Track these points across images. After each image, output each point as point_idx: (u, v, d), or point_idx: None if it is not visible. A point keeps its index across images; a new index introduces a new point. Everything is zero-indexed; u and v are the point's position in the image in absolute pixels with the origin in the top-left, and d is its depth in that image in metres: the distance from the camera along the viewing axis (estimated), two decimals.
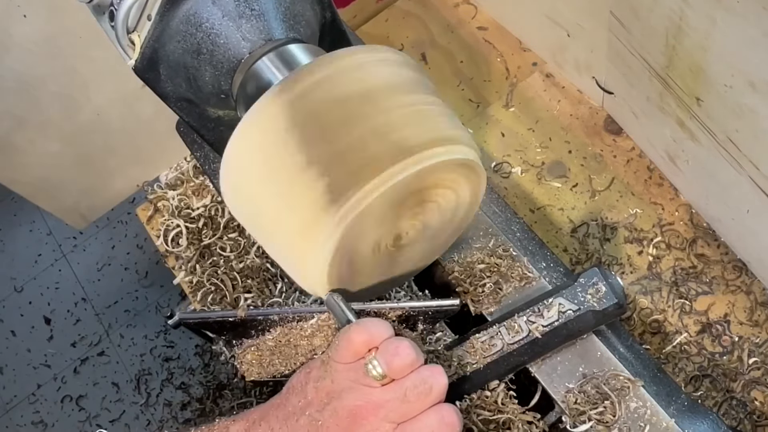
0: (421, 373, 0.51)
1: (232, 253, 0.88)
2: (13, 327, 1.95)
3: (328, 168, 0.49)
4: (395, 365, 0.51)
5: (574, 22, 0.86)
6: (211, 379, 1.71)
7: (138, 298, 1.91)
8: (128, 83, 0.87)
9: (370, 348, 0.52)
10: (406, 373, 0.51)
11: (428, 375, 0.51)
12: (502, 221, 0.74)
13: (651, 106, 0.78)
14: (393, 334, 0.53)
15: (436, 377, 0.51)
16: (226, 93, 0.60)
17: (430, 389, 0.51)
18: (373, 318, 0.56)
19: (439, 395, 0.52)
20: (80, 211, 1.11)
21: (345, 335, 0.53)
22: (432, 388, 0.51)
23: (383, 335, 0.53)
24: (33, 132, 0.95)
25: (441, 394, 0.52)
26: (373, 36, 1.09)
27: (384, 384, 0.51)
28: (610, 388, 0.62)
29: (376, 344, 0.52)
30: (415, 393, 0.50)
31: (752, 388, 0.74)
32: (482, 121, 0.97)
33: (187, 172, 0.99)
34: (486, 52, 1.03)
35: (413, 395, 0.50)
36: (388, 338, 0.53)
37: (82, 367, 1.85)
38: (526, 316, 0.63)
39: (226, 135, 0.53)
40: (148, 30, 0.57)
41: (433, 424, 0.50)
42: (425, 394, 0.51)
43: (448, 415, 0.51)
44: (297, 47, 0.58)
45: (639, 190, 0.87)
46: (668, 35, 0.65)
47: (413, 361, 0.51)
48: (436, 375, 0.52)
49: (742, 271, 0.80)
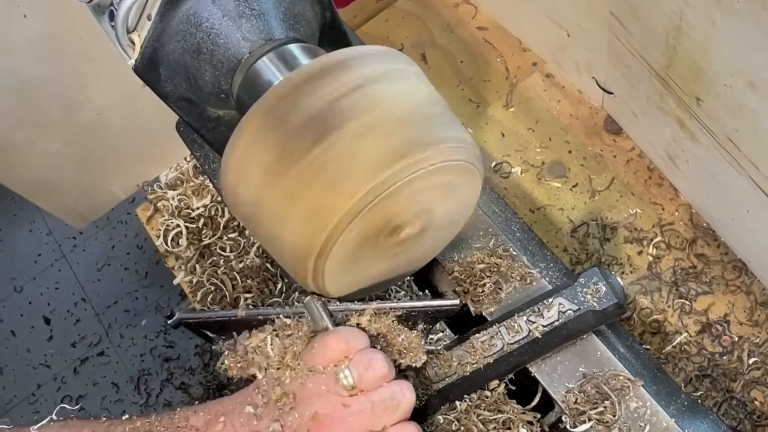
0: (391, 388, 0.52)
1: (232, 253, 0.88)
2: (13, 327, 1.95)
3: (325, 172, 0.49)
4: (367, 377, 0.51)
5: (574, 22, 0.86)
6: (211, 379, 1.71)
7: (138, 298, 1.91)
8: (128, 83, 0.87)
9: (343, 357, 0.52)
10: (377, 386, 0.51)
11: (397, 391, 0.51)
12: (502, 221, 0.74)
13: (651, 106, 0.78)
14: (368, 346, 0.54)
15: (404, 394, 0.52)
16: (226, 93, 0.60)
17: (398, 405, 0.51)
18: (351, 327, 0.56)
19: (405, 412, 0.52)
20: (80, 211, 1.12)
21: (322, 341, 0.53)
22: (399, 404, 0.51)
23: (359, 345, 0.53)
24: (33, 132, 0.95)
25: (407, 411, 0.52)
26: (373, 36, 1.09)
27: (352, 395, 0.51)
28: (610, 388, 0.62)
29: (351, 353, 0.52)
30: (383, 407, 0.50)
31: (752, 388, 0.74)
32: (482, 121, 0.97)
33: (187, 172, 0.99)
34: (486, 52, 1.03)
35: (380, 409, 0.50)
36: (363, 349, 0.53)
37: (82, 367, 1.85)
38: (526, 316, 0.63)
39: (226, 135, 0.53)
40: (148, 30, 0.57)
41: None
42: (392, 410, 0.51)
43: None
44: (297, 47, 0.58)
45: (639, 190, 0.87)
46: (668, 35, 0.65)
47: (385, 375, 0.52)
48: (405, 392, 0.52)
49: (742, 271, 0.80)
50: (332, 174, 0.49)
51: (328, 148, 0.49)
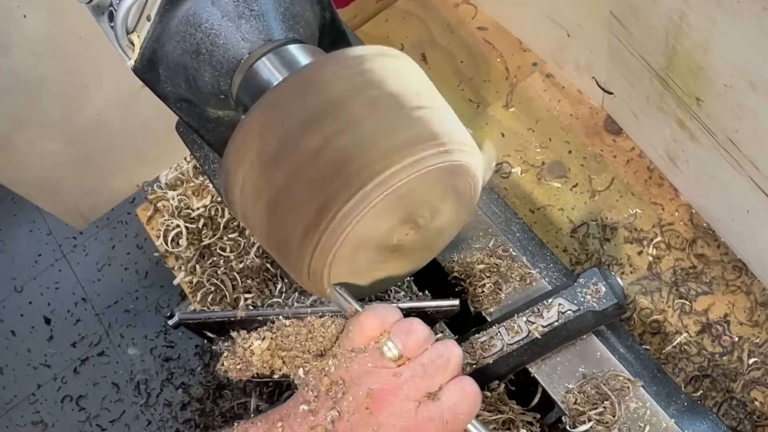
0: (437, 347, 0.52)
1: (232, 253, 0.88)
2: (13, 327, 1.95)
3: (324, 174, 0.49)
4: (410, 343, 0.51)
5: (574, 22, 0.86)
6: (211, 379, 1.71)
7: (138, 298, 1.91)
8: (128, 83, 0.87)
9: (382, 332, 0.52)
10: (422, 350, 0.52)
11: (443, 348, 0.52)
12: (502, 221, 0.74)
13: (651, 106, 0.78)
14: (402, 317, 0.54)
15: (451, 349, 0.52)
16: (225, 93, 0.60)
17: (448, 361, 0.51)
18: (380, 303, 0.56)
19: (457, 367, 0.52)
20: (80, 211, 1.12)
21: (356, 322, 0.53)
22: (449, 360, 0.51)
23: (393, 318, 0.53)
24: (33, 132, 0.95)
25: (458, 365, 0.52)
26: (373, 36, 1.09)
27: (400, 364, 0.51)
28: (609, 389, 0.62)
29: (387, 327, 0.52)
30: (434, 367, 0.51)
31: (752, 388, 0.74)
32: (482, 121, 0.97)
33: (187, 172, 0.99)
34: (486, 52, 1.03)
35: (432, 369, 0.51)
36: (398, 320, 0.53)
37: (82, 367, 1.85)
38: (526, 317, 0.63)
39: (225, 135, 0.53)
40: (148, 30, 0.57)
41: (455, 396, 0.51)
42: (443, 368, 0.51)
43: (468, 385, 0.52)
44: (296, 47, 0.58)
45: (639, 190, 0.87)
46: (668, 35, 0.65)
47: (427, 338, 0.52)
48: (451, 347, 0.52)
49: (742, 271, 0.80)
50: (331, 175, 0.49)
51: (326, 149, 0.49)
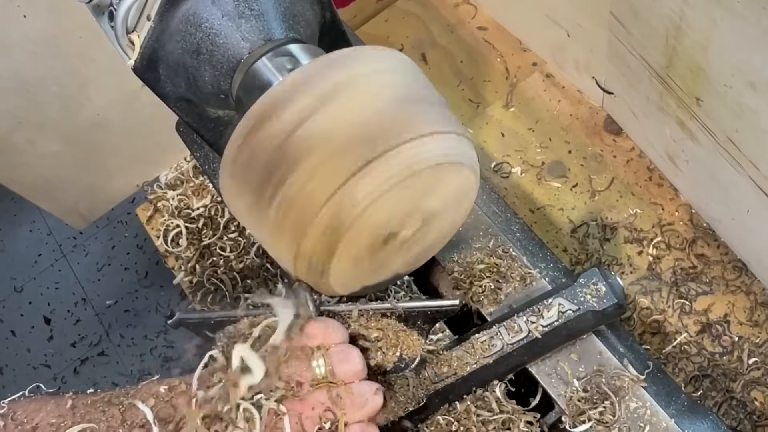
0: (362, 385, 0.51)
1: (232, 253, 0.88)
2: (13, 327, 1.95)
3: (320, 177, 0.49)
4: (341, 370, 0.50)
5: (574, 22, 0.86)
6: None
7: (138, 298, 1.91)
8: (128, 83, 0.87)
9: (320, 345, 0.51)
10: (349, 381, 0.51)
11: (367, 389, 0.51)
12: (502, 221, 0.74)
13: (651, 106, 0.78)
14: (347, 341, 0.53)
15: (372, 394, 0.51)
16: (225, 93, 0.60)
17: (365, 402, 0.50)
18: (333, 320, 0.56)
19: (371, 412, 0.51)
20: (80, 211, 1.12)
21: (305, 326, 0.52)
22: (367, 402, 0.50)
23: (338, 338, 0.52)
24: (33, 132, 0.95)
25: (373, 411, 0.51)
26: (373, 36, 1.09)
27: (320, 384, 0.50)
28: (610, 388, 0.62)
29: (327, 344, 0.52)
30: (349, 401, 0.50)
31: (752, 388, 0.74)
32: (482, 121, 0.97)
33: (187, 172, 0.99)
34: (486, 52, 1.03)
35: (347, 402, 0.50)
36: (341, 342, 0.52)
37: (82, 367, 1.85)
38: (526, 316, 0.63)
39: (225, 135, 0.53)
40: (148, 30, 0.57)
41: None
42: (358, 406, 0.50)
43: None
44: (296, 47, 0.58)
45: (639, 190, 0.87)
46: (668, 35, 0.65)
47: (358, 372, 0.51)
48: (374, 392, 0.51)
49: (742, 271, 0.80)
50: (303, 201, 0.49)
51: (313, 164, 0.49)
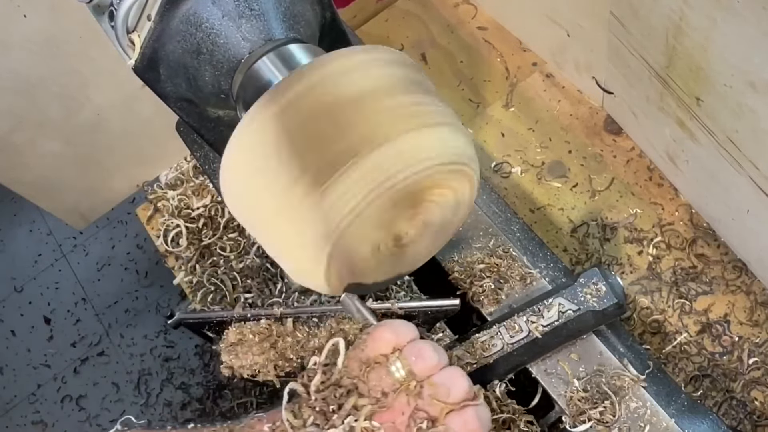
0: (442, 374, 0.51)
1: (232, 253, 0.88)
2: (13, 327, 1.95)
3: (319, 178, 0.49)
4: (417, 368, 0.51)
5: (574, 22, 0.86)
6: (211, 379, 1.71)
7: (138, 298, 1.91)
8: (128, 83, 0.87)
9: (394, 349, 0.52)
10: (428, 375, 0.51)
11: (447, 377, 0.51)
12: (502, 221, 0.74)
13: (651, 106, 0.78)
14: (418, 337, 0.53)
15: (453, 380, 0.51)
16: (226, 93, 0.60)
17: (448, 392, 0.50)
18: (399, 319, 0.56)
19: (459, 398, 0.51)
20: (80, 211, 1.11)
21: (371, 334, 0.53)
22: (450, 391, 0.50)
23: (409, 336, 0.52)
24: (33, 132, 0.95)
25: (461, 396, 0.51)
26: (373, 36, 1.09)
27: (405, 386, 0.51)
28: (610, 388, 0.62)
29: (400, 346, 0.52)
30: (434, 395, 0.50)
31: (752, 388, 0.74)
32: (482, 121, 0.97)
33: (187, 172, 0.99)
34: (486, 52, 1.03)
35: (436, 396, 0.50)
36: (413, 339, 0.52)
37: (82, 367, 1.85)
38: (526, 316, 0.63)
39: (226, 135, 0.52)
40: (148, 30, 0.57)
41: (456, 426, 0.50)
42: (443, 397, 0.50)
43: (471, 420, 0.50)
44: (297, 47, 0.58)
45: (639, 190, 0.87)
46: (668, 35, 0.65)
47: (436, 365, 0.51)
48: (455, 378, 0.51)
49: (742, 271, 0.80)
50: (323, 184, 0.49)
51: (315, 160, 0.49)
